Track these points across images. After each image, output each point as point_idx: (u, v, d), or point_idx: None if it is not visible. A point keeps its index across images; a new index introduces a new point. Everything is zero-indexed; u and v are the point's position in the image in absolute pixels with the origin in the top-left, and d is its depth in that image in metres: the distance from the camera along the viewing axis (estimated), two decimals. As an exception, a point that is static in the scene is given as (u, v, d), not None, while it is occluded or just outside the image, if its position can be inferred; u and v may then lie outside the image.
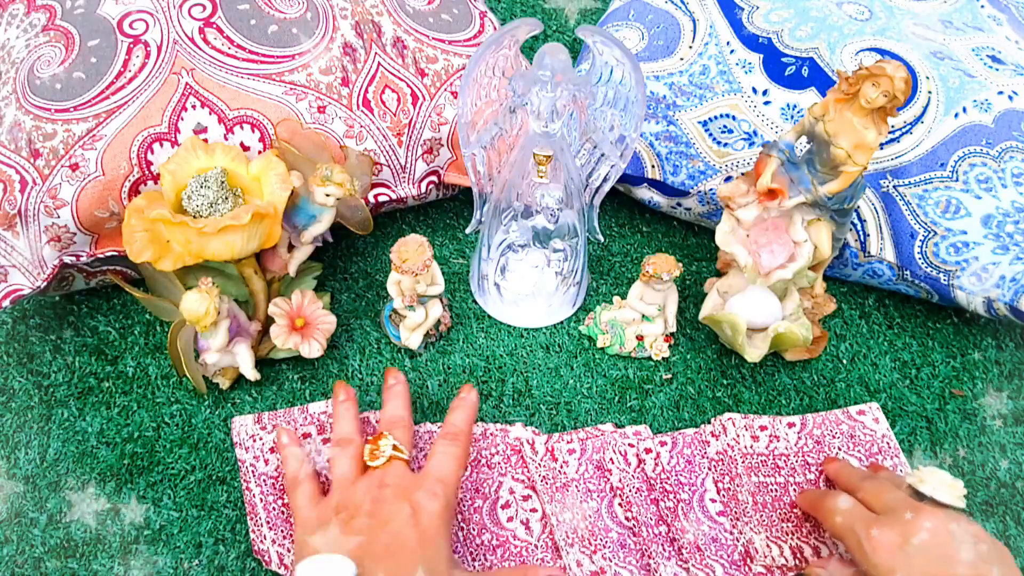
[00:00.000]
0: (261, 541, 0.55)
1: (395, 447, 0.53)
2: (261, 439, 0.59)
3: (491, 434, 0.60)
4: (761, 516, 0.57)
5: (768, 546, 0.55)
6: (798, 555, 0.55)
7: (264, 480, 0.57)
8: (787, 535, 0.56)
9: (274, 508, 0.56)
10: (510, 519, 0.57)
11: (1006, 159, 0.62)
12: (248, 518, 0.56)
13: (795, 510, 0.57)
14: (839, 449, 0.60)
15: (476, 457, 0.59)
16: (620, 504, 0.57)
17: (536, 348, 0.67)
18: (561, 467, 0.58)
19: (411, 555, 0.47)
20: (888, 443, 0.60)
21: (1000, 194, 0.61)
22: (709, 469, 0.59)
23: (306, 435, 0.59)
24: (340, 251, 0.72)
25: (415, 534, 0.48)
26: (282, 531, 0.56)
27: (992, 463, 0.62)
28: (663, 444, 0.60)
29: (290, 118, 0.62)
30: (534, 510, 0.57)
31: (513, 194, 0.62)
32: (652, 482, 0.58)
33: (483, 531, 0.56)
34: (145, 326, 0.67)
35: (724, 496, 0.58)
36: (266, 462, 0.58)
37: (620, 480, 0.58)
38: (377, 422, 0.59)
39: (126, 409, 0.63)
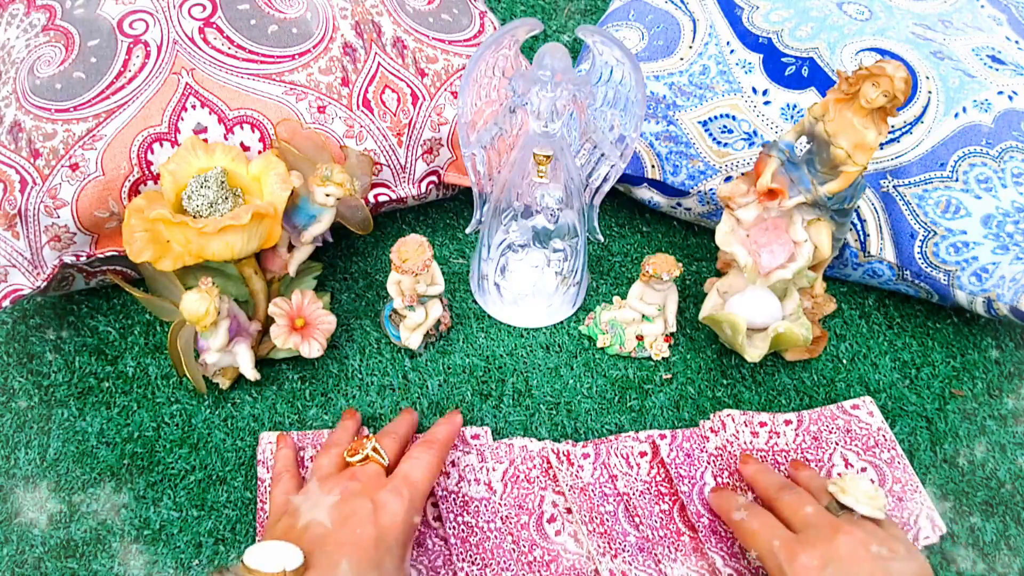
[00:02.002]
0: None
1: (375, 449, 0.53)
2: None
3: (521, 447, 0.60)
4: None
5: None
6: None
7: None
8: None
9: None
10: (558, 532, 0.56)
11: (1006, 159, 0.62)
12: (258, 539, 0.56)
13: None
14: (836, 444, 0.60)
15: (515, 473, 0.59)
16: (628, 508, 0.57)
17: (536, 348, 0.67)
18: (577, 472, 0.58)
19: (365, 554, 0.47)
20: (884, 436, 0.61)
21: (1000, 194, 0.61)
22: (708, 463, 0.59)
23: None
24: (340, 251, 0.72)
25: (373, 532, 0.48)
26: None
27: (992, 463, 0.62)
28: (662, 437, 0.60)
29: (290, 118, 0.62)
30: (580, 524, 0.56)
31: (513, 194, 0.62)
32: (649, 485, 0.58)
33: (534, 547, 0.56)
34: (145, 326, 0.67)
35: None
36: None
37: (626, 484, 0.58)
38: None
39: (126, 409, 0.63)
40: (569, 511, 0.57)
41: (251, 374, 0.61)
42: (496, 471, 0.58)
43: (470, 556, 0.55)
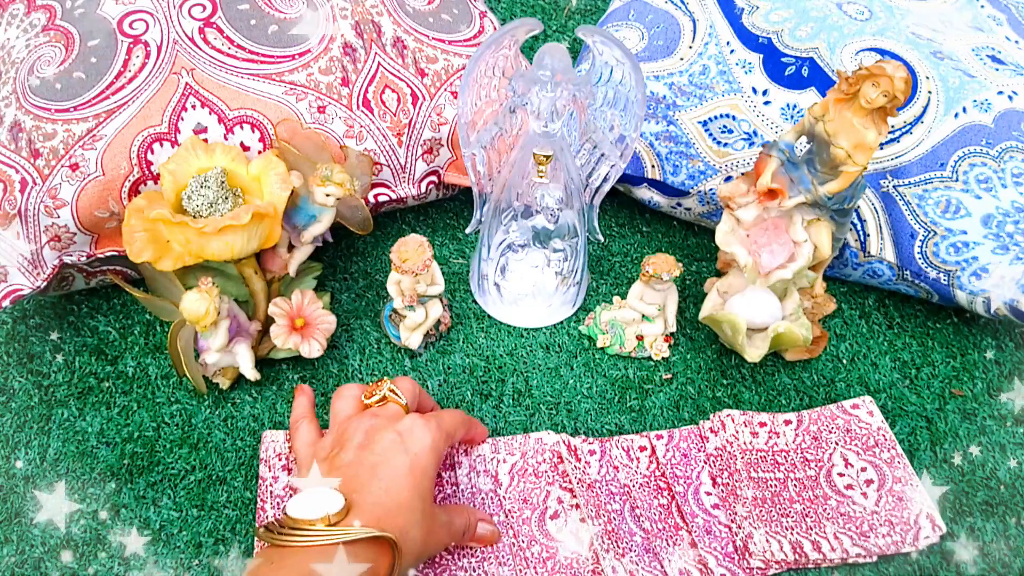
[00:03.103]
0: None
1: (392, 390, 0.53)
2: (286, 458, 0.59)
3: (536, 439, 0.60)
4: (760, 512, 0.57)
5: (768, 541, 0.55)
6: (798, 550, 0.55)
7: (279, 504, 0.57)
8: (787, 530, 0.56)
9: None
10: (559, 529, 0.56)
11: (1006, 159, 0.62)
12: (256, 541, 0.56)
13: (794, 506, 0.57)
14: (836, 444, 0.60)
15: (523, 466, 0.59)
16: (633, 506, 0.57)
17: (536, 348, 0.67)
18: (584, 468, 0.58)
19: (403, 482, 0.47)
20: (884, 436, 0.61)
21: (1000, 194, 0.61)
22: (705, 463, 0.59)
23: None
24: (340, 251, 0.72)
25: (405, 460, 0.48)
26: None
27: (992, 463, 0.62)
28: (659, 438, 0.60)
29: (290, 118, 0.62)
30: (584, 520, 0.56)
31: (513, 194, 0.62)
32: (649, 479, 0.58)
33: (533, 543, 0.55)
34: (145, 326, 0.67)
35: (723, 491, 0.58)
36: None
37: (627, 476, 0.58)
38: None
39: (126, 409, 0.63)
40: (576, 507, 0.57)
41: (251, 374, 0.61)
42: (505, 463, 0.58)
43: (469, 548, 0.55)
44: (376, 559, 0.44)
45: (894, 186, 0.63)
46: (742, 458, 0.59)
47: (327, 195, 0.59)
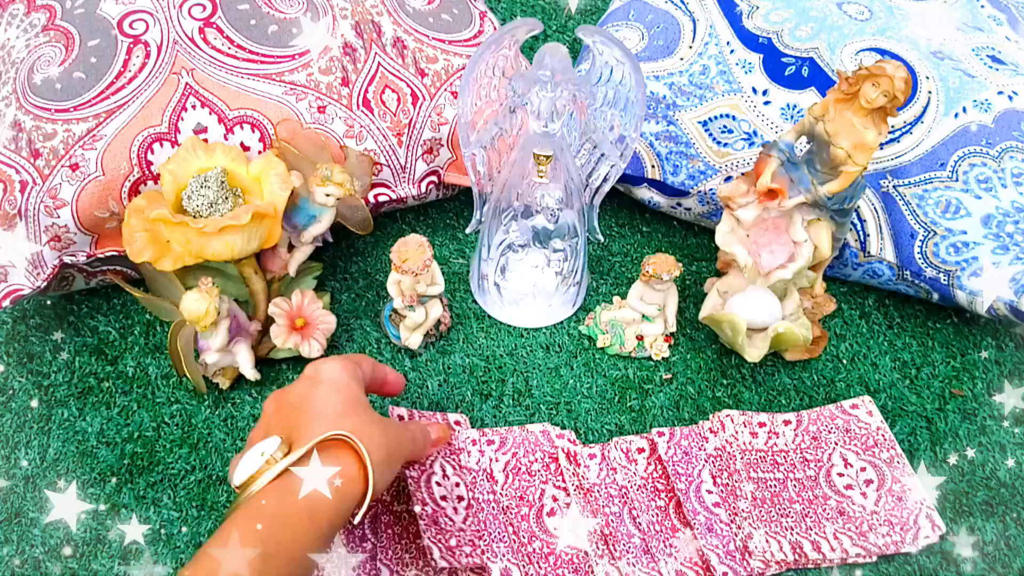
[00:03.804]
0: None
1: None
2: None
3: (530, 440, 0.60)
4: (760, 512, 0.57)
5: (767, 541, 0.55)
6: (797, 550, 0.55)
7: None
8: (786, 531, 0.56)
9: None
10: (557, 528, 0.56)
11: (1006, 159, 0.62)
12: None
13: (794, 506, 0.57)
14: (836, 444, 0.60)
15: (516, 465, 0.59)
16: (631, 508, 0.57)
17: (536, 348, 0.67)
18: (584, 472, 0.58)
19: (327, 398, 0.47)
20: (883, 435, 0.61)
21: (1000, 194, 0.61)
22: (706, 462, 0.59)
23: None
24: (340, 251, 0.72)
25: (323, 386, 0.48)
26: None
27: (992, 463, 0.62)
28: (660, 435, 0.60)
29: (290, 118, 0.62)
30: (582, 512, 0.56)
31: (513, 194, 0.62)
32: (647, 480, 0.58)
33: (533, 539, 0.56)
34: (145, 326, 0.67)
35: (723, 491, 0.58)
36: None
37: (624, 477, 0.58)
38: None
39: (126, 409, 0.63)
40: (570, 505, 0.57)
41: (251, 374, 0.61)
42: (498, 462, 0.58)
43: (472, 544, 0.55)
44: (343, 462, 0.44)
45: (894, 186, 0.63)
46: (742, 458, 0.59)
47: (327, 195, 0.59)
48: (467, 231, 0.66)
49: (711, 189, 0.67)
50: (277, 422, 0.47)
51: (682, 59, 0.67)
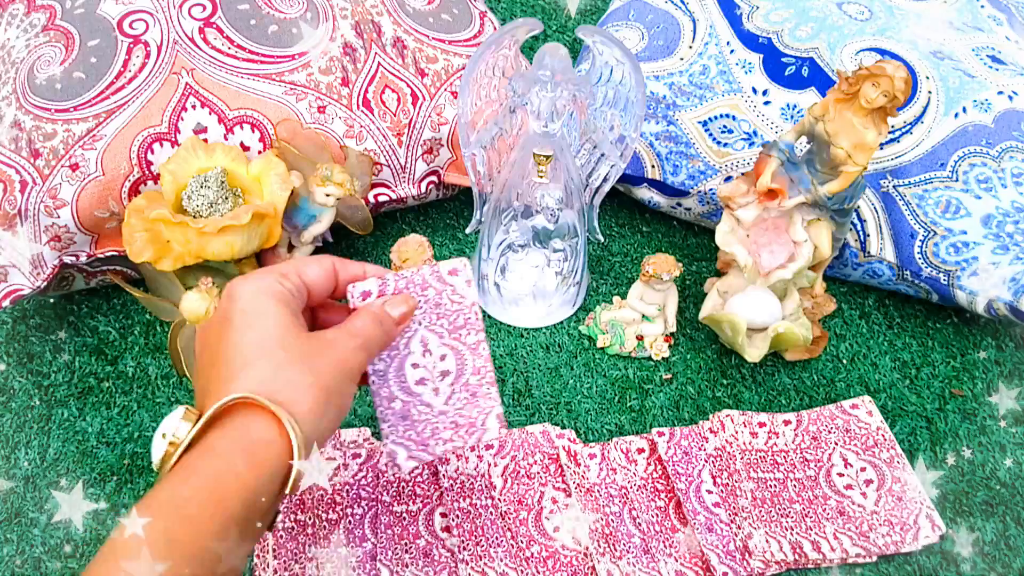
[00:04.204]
0: (263, 570, 0.54)
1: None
2: None
3: (529, 443, 0.60)
4: (760, 512, 0.57)
5: (767, 541, 0.55)
6: (797, 550, 0.55)
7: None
8: (786, 531, 0.56)
9: (281, 533, 0.55)
10: (556, 529, 0.56)
11: (1006, 159, 0.62)
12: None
13: (794, 506, 0.57)
14: (836, 444, 0.60)
15: (515, 468, 0.59)
16: (631, 508, 0.57)
17: (536, 348, 0.67)
18: (584, 472, 0.58)
19: (221, 340, 0.40)
20: (883, 435, 0.61)
21: (1000, 194, 0.61)
22: (706, 462, 0.59)
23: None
24: (340, 251, 0.72)
25: (217, 318, 0.42)
26: (291, 553, 0.55)
27: (992, 463, 0.62)
28: (660, 435, 0.60)
29: (290, 118, 0.62)
30: (581, 512, 0.56)
31: (513, 194, 0.62)
32: (647, 481, 0.58)
33: (532, 543, 0.56)
34: (145, 326, 0.67)
35: (723, 491, 0.58)
36: None
37: (624, 478, 0.58)
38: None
39: (126, 409, 0.63)
40: (569, 507, 0.57)
41: (251, 374, 0.61)
42: (497, 467, 0.58)
43: (470, 548, 0.55)
44: (253, 425, 0.37)
45: (894, 186, 0.63)
46: (742, 458, 0.59)
47: (327, 195, 0.59)
48: (467, 231, 0.66)
49: (711, 189, 0.67)
50: (196, 374, 0.42)
51: (682, 59, 0.67)
